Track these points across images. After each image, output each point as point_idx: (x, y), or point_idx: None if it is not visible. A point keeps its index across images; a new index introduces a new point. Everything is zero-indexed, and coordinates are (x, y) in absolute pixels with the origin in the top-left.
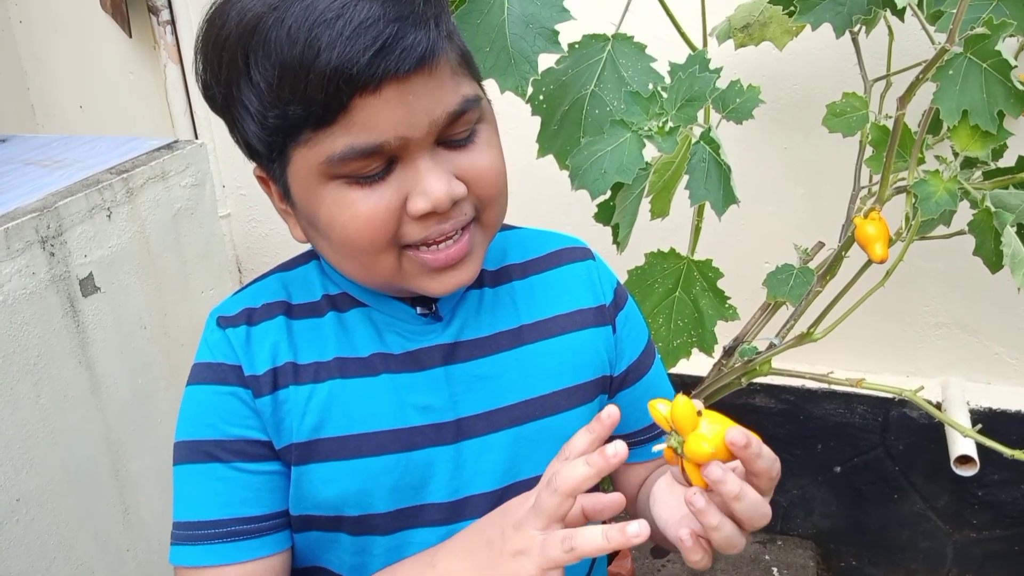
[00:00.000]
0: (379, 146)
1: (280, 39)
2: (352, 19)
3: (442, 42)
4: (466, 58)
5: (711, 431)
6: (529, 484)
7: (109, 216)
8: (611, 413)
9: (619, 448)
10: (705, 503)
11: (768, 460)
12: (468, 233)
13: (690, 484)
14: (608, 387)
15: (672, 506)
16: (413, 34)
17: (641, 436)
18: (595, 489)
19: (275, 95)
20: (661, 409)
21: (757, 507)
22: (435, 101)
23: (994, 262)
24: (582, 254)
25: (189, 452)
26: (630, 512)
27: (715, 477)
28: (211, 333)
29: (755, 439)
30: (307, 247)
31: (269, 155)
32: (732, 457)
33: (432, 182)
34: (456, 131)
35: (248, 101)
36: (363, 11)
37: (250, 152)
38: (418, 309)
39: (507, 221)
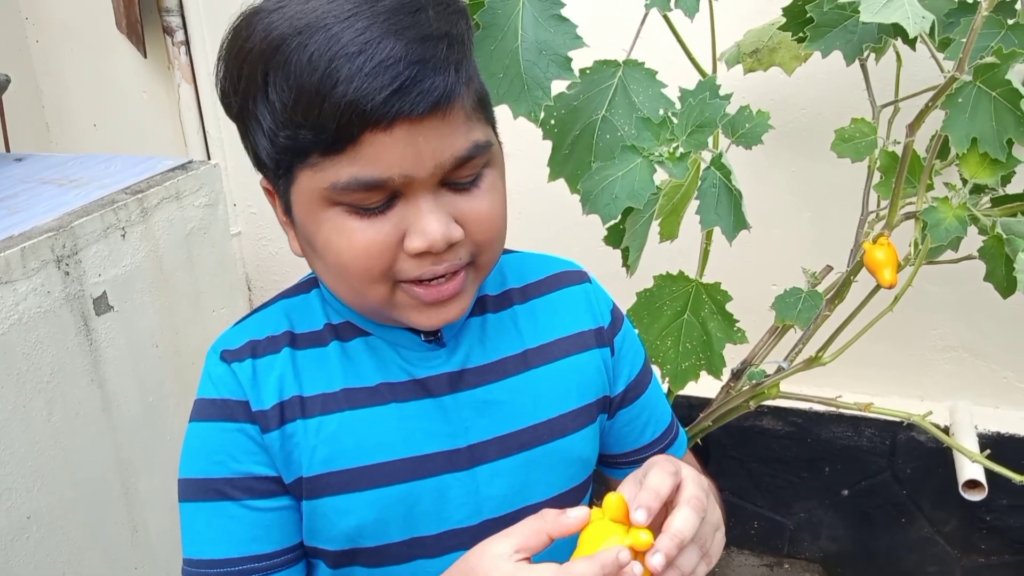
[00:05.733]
0: (383, 181)
1: (300, 63)
2: (373, 56)
3: (460, 88)
4: (483, 101)
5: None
6: (540, 507)
7: (123, 235)
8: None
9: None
10: None
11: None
12: (462, 274)
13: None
14: (608, 407)
15: None
16: (431, 78)
17: (640, 455)
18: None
19: (288, 116)
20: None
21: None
22: (444, 144)
23: (1005, 287)
24: (579, 277)
25: (198, 490)
26: None
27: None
28: (214, 367)
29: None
30: (309, 272)
31: (276, 171)
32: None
33: (431, 222)
34: (461, 175)
35: (262, 116)
36: (385, 50)
37: (258, 164)
38: (422, 336)
39: (515, 242)
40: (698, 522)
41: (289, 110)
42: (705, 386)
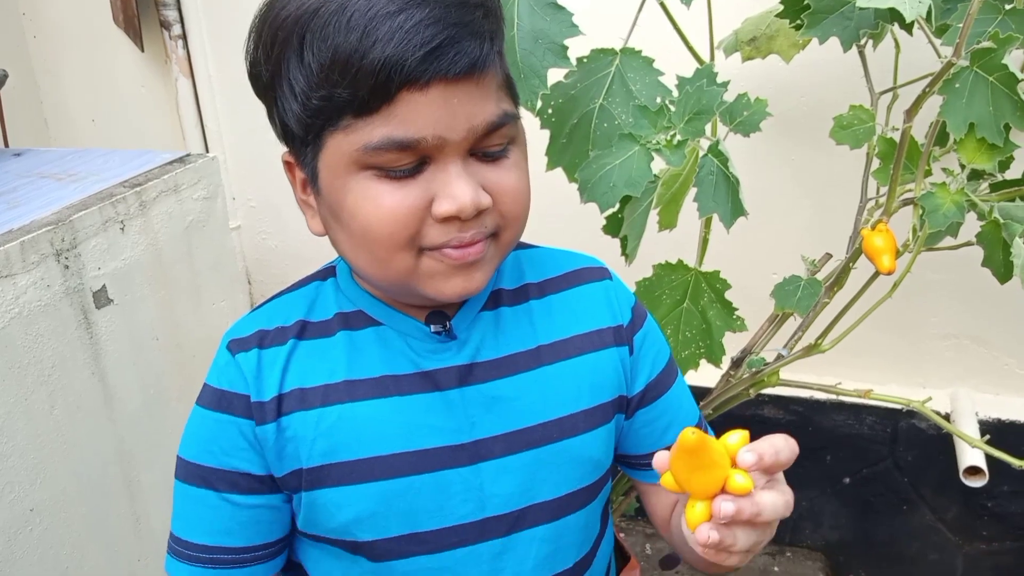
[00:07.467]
0: (416, 141)
1: (339, 24)
2: (413, 15)
3: (494, 56)
4: (509, 81)
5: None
6: (546, 506)
7: (123, 229)
8: None
9: None
10: (716, 538)
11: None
12: (484, 242)
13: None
14: (626, 407)
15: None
16: (468, 42)
17: None
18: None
19: (324, 76)
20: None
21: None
22: (478, 109)
23: (1003, 273)
24: (599, 274)
25: (188, 472)
26: (664, 534)
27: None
28: (221, 356)
29: (765, 453)
30: (327, 262)
31: (304, 138)
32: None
33: (461, 187)
34: (491, 144)
35: (295, 80)
36: (424, 11)
37: (285, 134)
38: (432, 327)
39: None
40: (780, 513)
41: (326, 69)
42: (705, 375)
